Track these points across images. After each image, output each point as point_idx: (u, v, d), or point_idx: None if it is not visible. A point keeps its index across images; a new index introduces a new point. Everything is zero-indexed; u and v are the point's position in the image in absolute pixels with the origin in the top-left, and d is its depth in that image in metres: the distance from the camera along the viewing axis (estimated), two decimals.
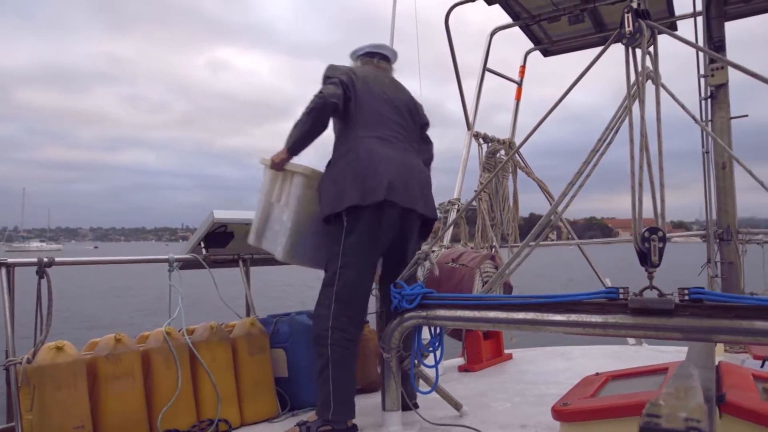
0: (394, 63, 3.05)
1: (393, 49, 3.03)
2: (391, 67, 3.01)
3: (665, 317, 1.64)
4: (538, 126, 2.12)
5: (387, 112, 2.78)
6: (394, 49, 3.04)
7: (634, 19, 1.64)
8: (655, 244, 1.63)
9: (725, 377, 2.01)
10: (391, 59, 3.00)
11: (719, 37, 4.03)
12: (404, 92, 2.93)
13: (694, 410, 0.75)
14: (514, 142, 4.63)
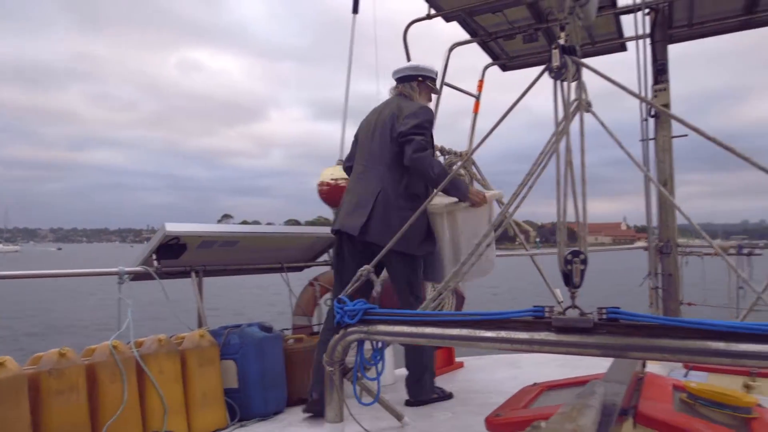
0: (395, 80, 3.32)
1: (399, 69, 3.32)
2: (398, 86, 3.29)
3: (585, 335, 1.74)
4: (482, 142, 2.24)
5: (364, 142, 3.15)
6: (402, 67, 3.33)
7: (561, 55, 1.75)
8: (576, 266, 1.73)
9: (645, 388, 2.14)
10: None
11: (662, 60, 4.23)
12: (386, 110, 3.12)
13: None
14: (471, 155, 4.75)
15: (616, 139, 2.14)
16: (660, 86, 4.13)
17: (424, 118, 3.04)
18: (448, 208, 3.03)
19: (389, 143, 3.01)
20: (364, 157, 3.09)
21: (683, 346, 1.62)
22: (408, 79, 3.26)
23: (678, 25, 4.58)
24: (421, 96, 3.28)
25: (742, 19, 4.46)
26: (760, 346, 1.58)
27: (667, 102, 4.11)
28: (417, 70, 3.27)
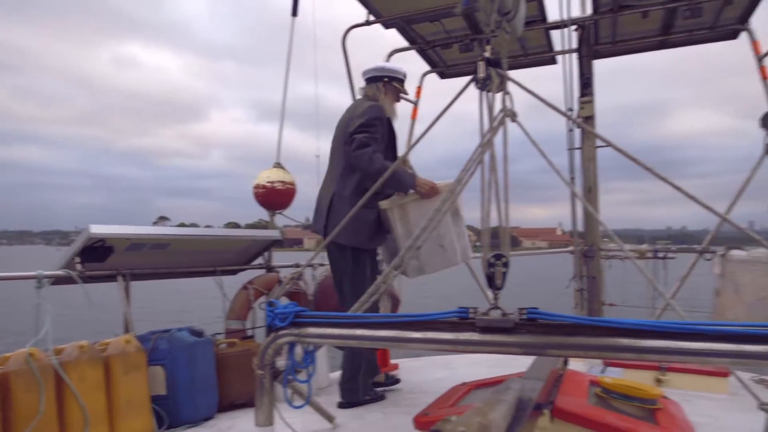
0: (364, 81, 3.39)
1: (367, 69, 3.38)
2: (365, 87, 3.37)
3: (507, 335, 1.82)
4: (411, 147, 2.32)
5: (332, 147, 3.33)
6: (369, 68, 3.37)
7: (486, 67, 1.84)
8: (499, 269, 1.81)
9: (564, 385, 2.26)
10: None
11: (588, 74, 4.47)
12: (346, 114, 3.25)
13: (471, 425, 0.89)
14: (408, 160, 4.83)
15: (539, 148, 2.25)
16: (585, 99, 4.35)
17: (369, 117, 3.09)
18: (396, 201, 3.07)
19: (343, 145, 3.12)
20: (329, 160, 3.30)
21: (595, 343, 1.73)
22: (374, 80, 3.32)
23: (603, 42, 4.85)
24: (386, 96, 3.31)
25: (659, 39, 4.78)
26: (663, 342, 1.71)
27: (592, 114, 4.35)
28: (383, 71, 3.33)
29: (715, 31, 4.62)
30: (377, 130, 3.12)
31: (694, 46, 4.87)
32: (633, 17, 4.34)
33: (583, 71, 4.44)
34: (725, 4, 4.11)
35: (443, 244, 3.00)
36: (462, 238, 3.10)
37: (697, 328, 1.70)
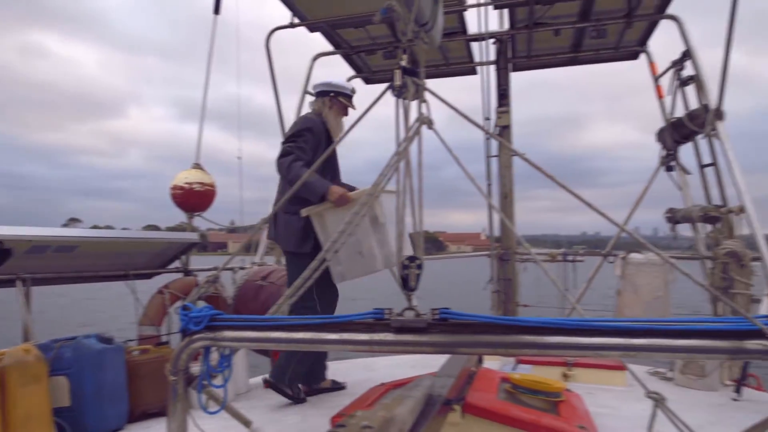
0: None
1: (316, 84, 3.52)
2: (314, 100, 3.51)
3: (420, 334, 1.88)
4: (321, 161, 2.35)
5: None
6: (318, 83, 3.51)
7: (402, 75, 1.90)
8: (413, 271, 1.87)
9: (476, 381, 2.36)
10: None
11: (505, 86, 4.69)
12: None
13: (376, 419, 0.92)
14: None
15: (454, 156, 2.34)
16: (502, 109, 4.57)
17: (297, 128, 3.23)
18: (314, 210, 3.14)
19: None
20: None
21: (502, 340, 1.83)
22: (322, 94, 3.45)
23: (520, 56, 5.11)
24: (331, 111, 3.42)
25: (570, 55, 5.11)
26: (563, 338, 1.84)
27: (508, 123, 4.57)
28: (329, 87, 3.44)
29: (619, 52, 5.00)
30: (306, 140, 3.21)
31: (605, 65, 5.25)
32: (546, 34, 4.61)
33: (501, 82, 4.66)
34: (626, 27, 4.46)
35: (361, 251, 3.06)
36: (384, 245, 3.09)
37: (592, 324, 1.84)
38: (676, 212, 4.48)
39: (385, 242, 3.12)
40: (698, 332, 1.78)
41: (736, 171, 3.78)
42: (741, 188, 3.74)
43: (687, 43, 4.19)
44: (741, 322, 1.75)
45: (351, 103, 3.50)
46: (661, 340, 1.78)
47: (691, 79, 4.25)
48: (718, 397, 3.45)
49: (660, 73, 4.73)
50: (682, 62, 4.34)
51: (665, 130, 4.44)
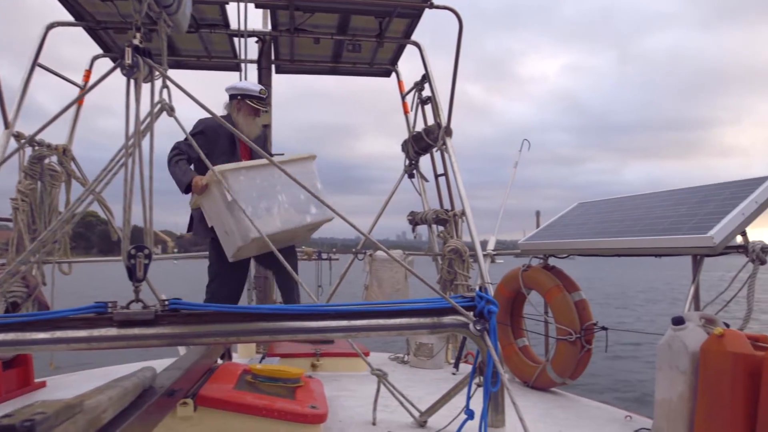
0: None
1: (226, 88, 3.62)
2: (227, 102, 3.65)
3: (147, 327, 1.79)
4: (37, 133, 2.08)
5: None
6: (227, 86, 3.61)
7: (133, 55, 1.79)
8: (140, 260, 1.77)
9: (216, 375, 2.35)
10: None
11: (266, 84, 4.75)
12: None
13: (54, 405, 0.86)
14: (70, 150, 4.30)
15: (196, 148, 2.30)
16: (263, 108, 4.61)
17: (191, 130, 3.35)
18: (195, 200, 3.32)
19: None
20: None
21: (233, 329, 1.85)
22: (231, 98, 3.56)
23: (283, 59, 5.23)
24: (240, 113, 3.53)
25: (331, 65, 5.43)
26: (293, 323, 1.94)
27: (269, 122, 4.63)
28: (234, 89, 3.56)
29: (373, 68, 5.48)
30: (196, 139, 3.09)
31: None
32: (308, 41, 4.82)
33: (262, 82, 4.71)
34: (378, 46, 4.92)
35: (226, 230, 3.15)
36: (240, 221, 3.05)
37: (320, 309, 1.98)
38: (416, 215, 5.09)
39: (239, 219, 3.03)
40: (408, 312, 2.06)
41: (459, 181, 4.45)
42: (462, 195, 4.43)
43: (426, 68, 4.81)
44: (440, 302, 2.08)
45: (260, 104, 3.57)
46: (377, 321, 2.01)
47: (429, 99, 4.89)
48: (442, 373, 4.01)
49: (406, 91, 5.33)
50: (422, 84, 4.97)
51: (408, 142, 5.01)
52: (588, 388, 7.67)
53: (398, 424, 2.43)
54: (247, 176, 3.15)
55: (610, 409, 3.06)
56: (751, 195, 2.55)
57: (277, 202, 3.24)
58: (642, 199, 3.39)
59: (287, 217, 3.25)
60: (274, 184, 3.25)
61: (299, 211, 3.33)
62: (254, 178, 3.17)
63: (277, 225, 3.19)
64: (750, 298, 2.50)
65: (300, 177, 3.30)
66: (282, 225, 3.22)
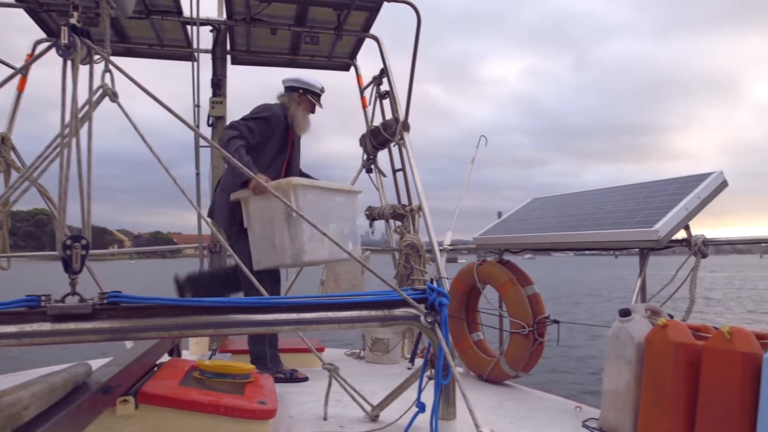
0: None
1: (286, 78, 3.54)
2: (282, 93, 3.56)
3: (84, 321, 1.71)
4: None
5: None
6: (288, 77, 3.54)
7: (70, 34, 1.70)
8: (77, 251, 1.69)
9: (162, 371, 2.27)
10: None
11: (221, 75, 4.64)
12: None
13: None
14: (10, 138, 4.08)
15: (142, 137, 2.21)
16: (217, 99, 4.50)
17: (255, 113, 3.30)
18: (240, 194, 3.15)
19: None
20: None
21: (175, 322, 1.78)
22: (290, 89, 3.49)
23: (239, 49, 5.12)
24: (299, 108, 3.46)
25: (289, 57, 5.34)
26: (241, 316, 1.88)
27: (223, 114, 4.52)
28: (299, 83, 3.48)
29: (332, 61, 5.42)
30: (258, 124, 3.25)
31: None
32: (265, 32, 4.72)
33: (216, 72, 4.59)
34: (337, 39, 4.86)
35: (274, 242, 2.97)
36: (295, 240, 2.91)
37: (269, 302, 1.94)
38: (374, 210, 5.07)
39: (295, 237, 2.90)
40: (359, 304, 2.03)
41: (416, 176, 4.46)
42: (419, 191, 4.44)
43: (384, 62, 4.79)
44: (391, 294, 2.07)
45: (319, 102, 3.53)
46: (328, 313, 1.97)
47: (387, 94, 4.87)
48: (397, 368, 4.01)
49: (365, 86, 5.30)
50: (381, 78, 4.95)
51: (366, 137, 4.99)
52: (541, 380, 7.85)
53: (350, 418, 2.40)
54: (315, 195, 3.05)
55: (561, 401, 3.12)
56: (694, 190, 2.64)
57: (328, 230, 3.02)
58: (594, 195, 3.47)
59: (333, 248, 3.07)
60: (330, 210, 3.16)
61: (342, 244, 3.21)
62: (319, 200, 3.06)
63: (325, 255, 3.08)
64: (692, 290, 2.59)
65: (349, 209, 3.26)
66: (329, 255, 3.12)
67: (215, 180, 4.52)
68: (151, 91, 2.06)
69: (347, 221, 3.35)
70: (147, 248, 6.86)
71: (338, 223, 3.23)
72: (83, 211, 1.75)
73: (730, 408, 1.91)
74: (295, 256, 2.93)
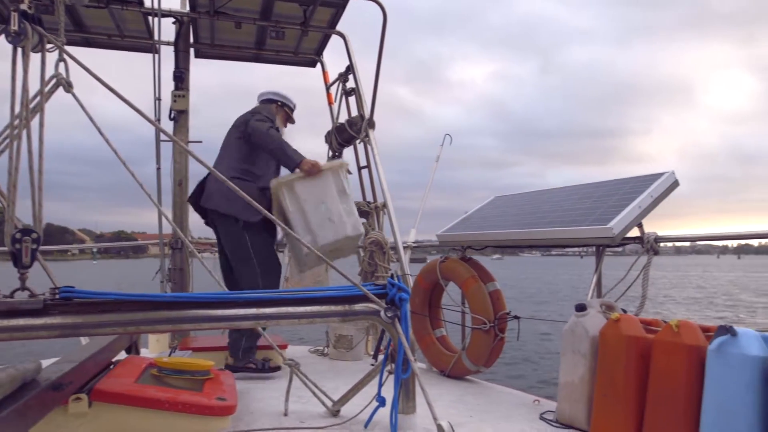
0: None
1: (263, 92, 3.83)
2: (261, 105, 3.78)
3: (35, 317, 1.66)
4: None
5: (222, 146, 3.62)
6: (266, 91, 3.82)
7: (20, 20, 1.65)
8: (27, 245, 1.64)
9: (117, 368, 2.22)
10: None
11: (184, 68, 4.55)
12: (243, 116, 3.59)
13: None
14: None
15: (98, 128, 2.16)
16: (179, 92, 4.42)
17: (266, 112, 3.54)
18: (283, 180, 3.31)
19: (234, 137, 3.50)
20: (217, 159, 3.56)
21: (131, 318, 1.75)
22: (268, 101, 3.76)
23: (203, 42, 5.03)
24: (278, 118, 3.68)
25: (254, 52, 5.27)
26: (198, 311, 1.86)
27: (185, 108, 4.44)
28: (277, 95, 3.78)
29: (299, 57, 5.38)
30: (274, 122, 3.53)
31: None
32: (229, 25, 4.65)
33: (179, 65, 4.50)
34: (303, 34, 4.83)
35: (331, 217, 3.28)
36: (351, 214, 3.38)
37: (229, 297, 1.92)
38: None
39: (351, 212, 3.38)
40: (319, 299, 2.04)
41: (381, 173, 4.47)
42: (384, 188, 4.45)
43: (350, 59, 4.78)
44: (352, 289, 2.08)
45: (292, 117, 3.86)
46: (288, 308, 1.97)
47: (353, 91, 4.87)
48: (361, 364, 4.02)
49: (330, 82, 5.28)
50: (347, 75, 4.94)
51: (331, 134, 4.97)
52: (502, 376, 7.99)
53: (310, 414, 2.40)
54: (344, 176, 3.48)
55: (520, 395, 3.19)
56: (647, 189, 2.73)
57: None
58: (553, 194, 3.55)
59: (357, 223, 3.50)
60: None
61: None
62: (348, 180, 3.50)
63: (361, 228, 3.50)
64: (645, 285, 2.68)
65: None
66: (351, 231, 3.40)
67: (177, 176, 4.45)
68: (111, 84, 2.02)
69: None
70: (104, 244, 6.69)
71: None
72: (34, 204, 1.71)
73: (677, 397, 1.99)
74: (354, 227, 3.38)
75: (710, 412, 1.87)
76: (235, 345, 3.42)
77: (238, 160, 3.47)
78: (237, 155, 3.48)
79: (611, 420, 2.22)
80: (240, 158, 3.47)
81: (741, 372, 1.81)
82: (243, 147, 3.49)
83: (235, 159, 3.48)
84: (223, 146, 3.64)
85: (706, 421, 1.88)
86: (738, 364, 1.82)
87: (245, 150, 3.47)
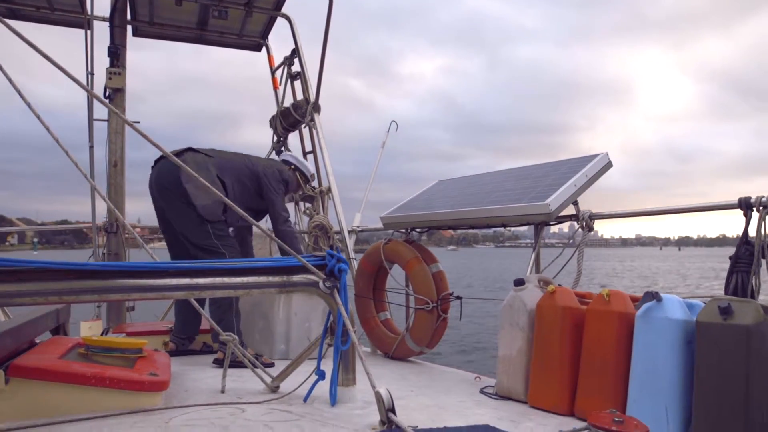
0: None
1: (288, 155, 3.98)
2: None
3: None
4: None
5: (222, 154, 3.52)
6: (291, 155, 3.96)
7: None
8: None
9: (42, 347, 2.11)
10: None
11: (120, 44, 4.36)
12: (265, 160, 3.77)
13: None
14: None
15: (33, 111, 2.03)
16: (115, 69, 4.22)
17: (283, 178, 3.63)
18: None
19: (245, 176, 3.45)
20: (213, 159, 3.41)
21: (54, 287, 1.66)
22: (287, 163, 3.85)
23: (141, 20, 4.83)
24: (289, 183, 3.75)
25: (196, 32, 5.11)
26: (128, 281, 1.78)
27: (122, 86, 4.25)
28: (295, 160, 3.90)
29: (243, 40, 5.26)
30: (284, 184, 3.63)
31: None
32: (169, 2, 4.48)
33: (115, 41, 4.31)
34: (247, 15, 4.72)
35: (309, 336, 3.34)
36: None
37: (159, 266, 1.85)
38: None
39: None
40: (256, 270, 1.99)
41: (327, 158, 4.44)
42: (329, 172, 4.42)
43: (296, 42, 4.71)
44: (290, 260, 2.04)
45: (305, 185, 3.97)
46: (223, 279, 1.92)
47: (299, 74, 4.80)
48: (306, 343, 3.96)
49: (276, 66, 5.19)
50: (292, 59, 4.87)
51: (276, 118, 4.89)
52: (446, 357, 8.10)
53: (248, 390, 2.34)
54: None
55: (462, 373, 3.23)
56: (583, 169, 2.82)
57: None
58: (495, 176, 3.62)
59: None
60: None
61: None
62: None
63: None
64: (579, 261, 2.77)
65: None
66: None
67: (111, 156, 4.26)
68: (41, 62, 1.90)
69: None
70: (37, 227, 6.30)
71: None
72: None
73: (608, 362, 2.06)
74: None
75: (637, 373, 1.96)
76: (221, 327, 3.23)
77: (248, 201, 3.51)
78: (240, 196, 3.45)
79: (547, 389, 2.28)
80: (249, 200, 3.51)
81: (666, 335, 1.90)
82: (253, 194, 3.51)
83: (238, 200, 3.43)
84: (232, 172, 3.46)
85: (634, 382, 1.97)
86: (663, 327, 1.91)
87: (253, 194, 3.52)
